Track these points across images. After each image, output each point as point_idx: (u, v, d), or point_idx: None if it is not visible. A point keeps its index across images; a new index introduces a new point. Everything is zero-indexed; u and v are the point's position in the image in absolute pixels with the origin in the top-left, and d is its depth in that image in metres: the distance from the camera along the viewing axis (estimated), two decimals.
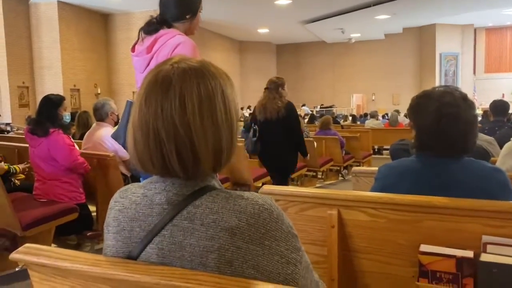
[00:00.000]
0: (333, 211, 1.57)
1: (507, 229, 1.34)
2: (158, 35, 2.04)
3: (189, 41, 2.01)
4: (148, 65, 2.06)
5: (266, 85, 4.02)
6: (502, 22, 19.94)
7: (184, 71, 0.85)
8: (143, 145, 0.84)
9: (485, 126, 4.70)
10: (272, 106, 3.91)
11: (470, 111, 1.49)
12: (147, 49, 2.06)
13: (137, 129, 0.84)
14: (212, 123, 0.83)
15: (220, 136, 0.85)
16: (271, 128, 3.94)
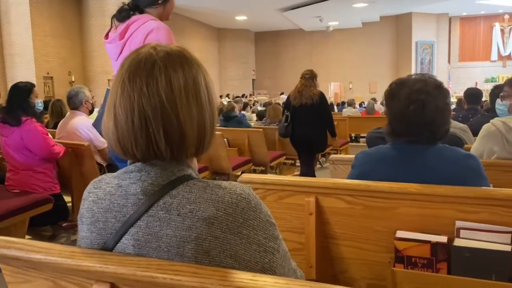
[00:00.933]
0: (311, 198, 1.58)
1: (479, 215, 1.37)
2: (131, 21, 1.99)
3: (163, 26, 1.96)
4: (121, 52, 2.01)
5: (302, 75, 4.63)
6: (476, 11, 20.30)
7: (167, 53, 0.85)
8: (126, 125, 0.82)
9: (459, 114, 4.80)
10: (308, 93, 4.47)
11: (442, 99, 1.51)
12: (120, 36, 2.01)
13: (119, 108, 0.82)
14: (197, 103, 0.84)
15: (204, 117, 0.85)
16: (305, 112, 4.48)
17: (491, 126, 2.11)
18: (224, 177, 5.20)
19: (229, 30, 21.81)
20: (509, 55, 20.60)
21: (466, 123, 3.56)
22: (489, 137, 2.11)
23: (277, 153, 6.25)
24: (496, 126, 2.07)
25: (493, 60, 20.91)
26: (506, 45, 20.59)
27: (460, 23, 21.46)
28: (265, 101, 16.15)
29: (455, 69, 21.21)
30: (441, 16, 20.55)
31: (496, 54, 20.85)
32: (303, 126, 4.54)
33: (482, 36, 21.23)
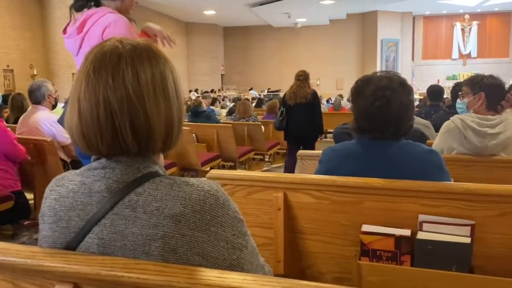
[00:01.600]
0: (279, 194, 1.59)
1: (441, 208, 1.42)
2: (88, 14, 1.92)
3: (122, 20, 1.90)
4: (81, 47, 1.94)
5: (296, 76, 5.18)
6: (438, 10, 20.92)
7: (133, 47, 0.84)
8: (91, 119, 0.80)
9: (422, 110, 4.93)
10: (302, 93, 5.00)
11: (405, 95, 1.54)
12: (78, 30, 1.94)
13: (84, 101, 0.80)
14: (164, 97, 0.83)
15: (171, 111, 0.84)
16: (299, 110, 4.98)
17: (450, 123, 2.18)
18: (193, 173, 5.16)
19: (198, 25, 21.57)
20: (469, 53, 21.36)
21: (428, 119, 3.66)
22: (449, 134, 2.19)
23: (246, 148, 6.26)
24: (455, 123, 2.14)
25: (454, 58, 21.63)
26: (466, 44, 21.34)
27: (423, 22, 22.05)
28: (234, 96, 16.10)
29: (419, 66, 21.81)
30: (406, 14, 21.05)
31: (457, 53, 21.57)
32: (297, 123, 5.01)
33: (444, 35, 21.90)
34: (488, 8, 20.03)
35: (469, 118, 2.10)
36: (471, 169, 2.15)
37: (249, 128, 6.48)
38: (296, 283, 0.66)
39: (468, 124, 2.09)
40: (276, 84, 21.98)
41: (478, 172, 2.15)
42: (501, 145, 2.07)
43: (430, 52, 22.19)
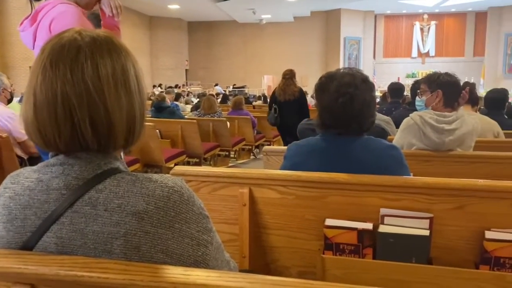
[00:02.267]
0: (245, 189, 1.59)
1: (402, 202, 1.46)
2: (40, 6, 1.83)
3: (70, 11, 1.79)
4: (35, 40, 1.85)
5: (283, 75, 5.45)
6: (399, 10, 21.52)
7: (93, 39, 0.80)
8: (48, 114, 0.76)
9: (383, 107, 5.07)
10: (289, 90, 5.31)
11: (368, 92, 1.58)
12: (30, 22, 1.85)
13: (40, 96, 0.76)
14: (126, 92, 0.80)
15: (133, 106, 0.82)
16: (289, 106, 5.29)
17: (410, 120, 2.25)
18: (156, 169, 5.08)
19: (162, 19, 21.20)
20: (427, 52, 22.11)
21: (389, 115, 3.77)
22: (409, 131, 2.25)
23: (211, 144, 6.22)
24: (414, 120, 2.21)
25: (414, 56, 22.34)
26: (425, 43, 22.08)
27: (384, 21, 22.62)
28: (199, 92, 15.95)
29: (380, 64, 22.38)
30: (368, 13, 21.53)
31: (416, 51, 22.28)
32: (288, 117, 5.28)
33: (404, 33, 22.56)
34: (445, 9, 20.80)
35: (428, 115, 2.17)
36: (429, 164, 2.23)
37: (214, 124, 6.44)
38: (260, 278, 0.66)
39: (426, 121, 2.16)
40: (241, 80, 21.98)
41: (436, 167, 2.23)
42: (457, 141, 2.15)
43: (391, 51, 22.81)
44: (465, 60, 21.47)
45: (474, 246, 1.41)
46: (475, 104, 3.20)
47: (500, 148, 2.54)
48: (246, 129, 7.19)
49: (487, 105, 3.89)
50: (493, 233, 1.36)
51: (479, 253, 1.38)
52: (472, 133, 2.19)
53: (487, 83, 17.70)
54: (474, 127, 2.21)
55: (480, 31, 21.13)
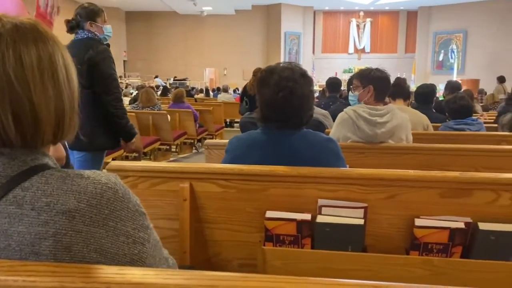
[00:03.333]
0: (185, 184, 1.56)
1: (338, 193, 1.51)
2: None
3: None
4: None
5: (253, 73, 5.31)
6: (336, 6, 22.16)
7: (15, 26, 0.74)
8: None
9: (321, 101, 5.21)
10: None
11: (307, 86, 1.62)
12: None
13: None
14: (54, 83, 0.75)
15: (62, 99, 0.77)
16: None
17: (344, 114, 2.33)
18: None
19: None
20: (363, 48, 22.99)
21: (327, 109, 3.88)
22: (343, 125, 2.34)
23: (151, 138, 6.07)
24: (348, 114, 2.30)
25: (350, 52, 23.14)
26: (361, 39, 22.92)
27: (323, 17, 23.20)
28: (138, 84, 15.48)
29: (319, 59, 22.94)
30: (307, 9, 21.97)
31: (352, 47, 23.09)
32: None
33: (341, 30, 23.27)
34: (380, 7, 21.71)
35: (361, 109, 2.26)
36: (364, 155, 2.33)
37: (154, 118, 6.28)
38: (198, 274, 0.65)
39: (360, 114, 2.25)
40: (182, 72, 21.61)
41: (370, 159, 2.33)
42: (389, 133, 2.26)
43: (329, 46, 23.45)
44: (398, 57, 22.58)
45: (405, 233, 1.49)
46: (407, 98, 3.38)
47: (429, 140, 2.70)
48: (187, 123, 7.09)
49: (417, 100, 4.12)
50: (422, 221, 1.44)
51: (410, 240, 1.46)
52: (401, 126, 2.31)
53: (417, 78, 18.77)
54: (403, 120, 2.33)
55: (411, 29, 22.30)
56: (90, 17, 2.80)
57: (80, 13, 2.80)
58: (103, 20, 2.91)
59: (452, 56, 20.39)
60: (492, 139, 2.84)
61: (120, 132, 2.85)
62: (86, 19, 2.79)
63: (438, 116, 3.84)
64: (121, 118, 2.79)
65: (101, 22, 2.89)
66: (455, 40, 20.36)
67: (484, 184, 1.42)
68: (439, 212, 1.44)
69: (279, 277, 0.62)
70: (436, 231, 1.41)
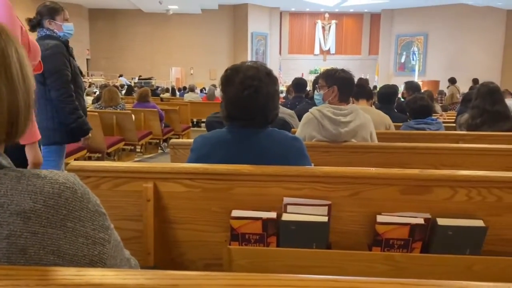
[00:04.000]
0: (149, 184, 1.54)
1: (303, 191, 1.53)
2: None
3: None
4: None
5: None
6: (302, 8, 22.44)
7: None
8: None
9: (287, 101, 5.26)
10: None
11: (271, 85, 1.62)
12: None
13: None
14: (7, 80, 0.72)
15: (16, 96, 0.74)
16: None
17: (309, 114, 2.36)
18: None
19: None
20: (328, 50, 23.38)
21: (293, 109, 3.92)
22: (309, 124, 2.37)
23: (115, 138, 5.93)
24: (313, 114, 2.33)
25: (316, 54, 23.49)
26: (326, 41, 23.31)
27: (289, 18, 23.43)
28: (102, 83, 15.11)
29: (285, 60, 23.15)
30: (273, 10, 22.12)
31: (318, 49, 23.45)
32: None
33: (307, 31, 23.58)
34: (345, 9, 22.15)
35: (325, 109, 2.30)
36: (328, 154, 2.37)
37: (118, 117, 6.15)
38: (159, 274, 0.64)
39: (325, 114, 2.28)
40: (147, 71, 21.27)
41: (335, 157, 2.37)
42: (352, 132, 2.31)
43: (296, 47, 23.71)
44: (362, 58, 23.11)
45: (367, 230, 1.52)
46: (370, 98, 3.46)
47: (391, 139, 2.78)
48: (153, 122, 6.98)
49: (380, 100, 4.23)
50: (384, 217, 1.48)
51: (372, 236, 1.50)
52: (364, 125, 2.36)
53: (381, 80, 19.26)
54: (366, 120, 2.39)
55: (375, 32, 22.87)
56: (49, 15, 2.79)
57: (41, 11, 2.80)
58: (63, 18, 2.88)
59: (413, 58, 21.07)
60: (451, 138, 2.94)
61: (72, 127, 2.87)
62: (46, 17, 2.77)
63: (400, 116, 3.95)
64: (71, 114, 2.82)
65: (61, 20, 2.85)
66: (417, 42, 21.05)
67: (442, 181, 1.47)
68: (400, 209, 1.48)
69: (239, 274, 0.62)
70: (397, 227, 1.45)
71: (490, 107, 3.13)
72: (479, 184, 1.47)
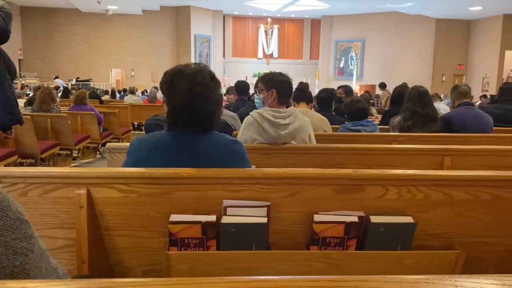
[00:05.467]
0: (82, 190, 1.47)
1: (243, 193, 1.53)
2: None
3: None
4: None
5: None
6: (245, 12, 22.58)
7: None
8: None
9: (231, 104, 5.27)
10: None
11: (217, 90, 1.62)
12: None
13: None
14: None
15: None
16: None
17: (250, 117, 2.38)
18: None
19: None
20: (271, 54, 23.70)
21: (236, 112, 3.93)
22: (249, 127, 2.39)
23: (49, 143, 5.64)
24: (254, 117, 2.35)
25: (260, 57, 23.72)
26: (269, 45, 23.62)
27: (232, 21, 23.49)
28: (36, 85, 14.29)
29: (230, 63, 23.17)
30: (217, 12, 22.07)
31: (261, 52, 23.70)
32: None
33: (250, 35, 23.77)
34: (286, 14, 22.57)
35: (265, 112, 2.33)
36: (269, 156, 2.40)
37: (53, 121, 5.85)
38: (86, 282, 0.61)
39: (265, 117, 2.31)
40: (86, 73, 20.42)
41: (275, 159, 2.41)
42: (291, 134, 2.36)
43: (239, 51, 23.81)
44: (303, 63, 23.65)
45: (305, 229, 1.55)
46: (309, 101, 3.55)
47: (329, 141, 2.87)
48: (90, 126, 6.71)
49: (318, 103, 4.35)
50: (320, 216, 1.52)
51: (310, 235, 1.53)
52: (303, 128, 2.42)
53: (321, 84, 19.82)
54: (304, 123, 2.44)
55: (315, 37, 23.51)
56: None
57: None
58: None
59: (351, 63, 21.90)
60: (385, 139, 3.09)
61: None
62: None
63: (338, 118, 4.09)
64: None
65: None
66: (354, 48, 21.91)
67: (374, 180, 1.54)
68: (335, 208, 1.53)
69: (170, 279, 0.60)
70: (333, 226, 1.49)
71: (421, 110, 3.32)
72: (409, 182, 1.55)
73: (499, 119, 3.81)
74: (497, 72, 18.12)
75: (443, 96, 12.79)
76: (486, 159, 2.55)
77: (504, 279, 0.62)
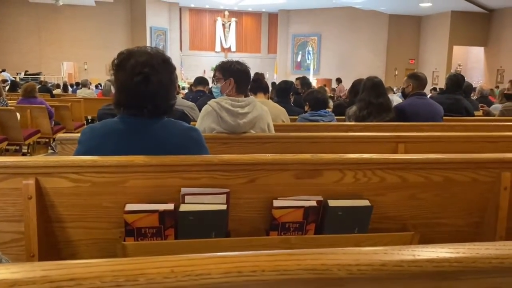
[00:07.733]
0: (30, 180, 1.40)
1: (201, 180, 1.50)
2: None
3: None
4: None
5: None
6: (202, 4, 22.29)
7: None
8: None
9: (189, 95, 5.23)
10: None
11: (166, 73, 1.56)
12: None
13: None
14: None
15: None
16: None
17: (208, 107, 2.34)
18: None
19: None
20: (229, 47, 23.58)
21: (195, 103, 3.89)
22: (208, 117, 2.35)
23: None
24: (212, 106, 2.32)
25: (218, 51, 23.53)
26: (227, 38, 23.49)
27: (189, 14, 23.13)
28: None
29: (187, 56, 22.83)
30: (173, 5, 21.66)
31: (219, 46, 23.53)
32: None
33: (208, 28, 23.52)
34: (243, 8, 22.51)
35: (224, 101, 2.30)
36: (228, 146, 2.37)
37: (0, 114, 5.53)
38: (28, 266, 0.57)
39: (223, 106, 2.28)
40: (35, 66, 19.48)
41: (234, 149, 2.38)
42: (250, 123, 2.34)
43: (197, 44, 23.52)
44: (262, 57, 23.70)
45: (264, 215, 1.55)
46: (266, 92, 3.55)
47: (288, 130, 2.88)
48: (41, 120, 6.40)
49: (277, 94, 4.37)
50: (279, 202, 1.52)
51: (269, 221, 1.53)
52: (261, 117, 2.41)
53: (279, 77, 19.90)
54: (263, 112, 2.44)
55: (273, 31, 23.60)
56: None
57: None
58: None
59: (308, 57, 22.20)
60: (341, 129, 3.14)
61: None
62: None
63: (296, 110, 4.13)
64: None
65: None
66: (311, 42, 22.21)
67: (331, 164, 1.56)
68: (294, 193, 1.54)
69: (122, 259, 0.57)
70: (292, 211, 1.50)
71: (375, 100, 3.40)
72: (365, 166, 1.58)
73: (449, 109, 3.98)
74: (445, 66, 18.94)
75: (395, 89, 13.23)
76: (437, 145, 2.65)
77: (458, 247, 0.63)
